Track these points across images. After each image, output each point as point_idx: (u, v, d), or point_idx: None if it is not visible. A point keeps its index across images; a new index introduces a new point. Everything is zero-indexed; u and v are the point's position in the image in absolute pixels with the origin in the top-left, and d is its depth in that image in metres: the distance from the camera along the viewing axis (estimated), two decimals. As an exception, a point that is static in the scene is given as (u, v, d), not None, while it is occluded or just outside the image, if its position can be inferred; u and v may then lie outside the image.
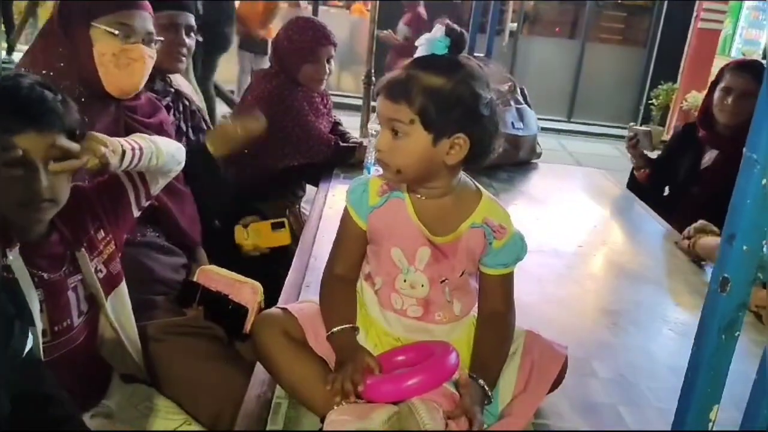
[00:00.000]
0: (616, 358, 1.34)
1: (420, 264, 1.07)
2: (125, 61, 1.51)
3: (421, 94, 0.98)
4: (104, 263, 1.27)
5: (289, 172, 2.29)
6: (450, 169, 1.05)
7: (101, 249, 1.27)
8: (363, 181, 1.12)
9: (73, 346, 1.21)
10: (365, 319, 1.11)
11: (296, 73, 2.29)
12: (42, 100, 1.11)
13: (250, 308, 1.61)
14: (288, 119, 2.23)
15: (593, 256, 1.96)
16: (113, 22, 1.50)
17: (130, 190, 1.34)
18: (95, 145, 1.16)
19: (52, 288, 1.17)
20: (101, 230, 1.28)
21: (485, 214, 1.07)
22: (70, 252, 1.21)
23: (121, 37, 1.51)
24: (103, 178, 1.32)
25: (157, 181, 1.39)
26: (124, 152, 1.23)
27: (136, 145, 1.27)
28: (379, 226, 1.08)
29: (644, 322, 1.55)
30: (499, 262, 1.09)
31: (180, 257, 1.68)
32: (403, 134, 1.00)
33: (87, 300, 1.24)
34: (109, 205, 1.31)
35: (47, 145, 1.10)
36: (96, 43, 1.50)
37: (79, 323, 1.22)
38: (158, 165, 1.33)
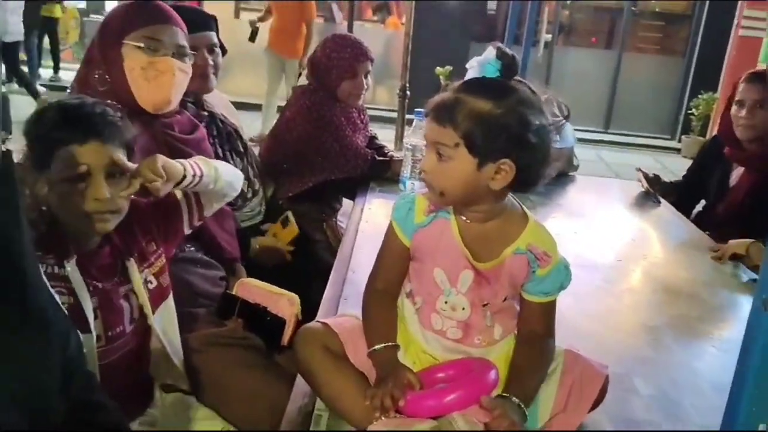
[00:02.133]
0: (657, 374, 1.32)
1: (462, 287, 1.07)
2: (153, 73, 1.55)
3: (467, 118, 0.98)
4: (155, 275, 1.31)
5: (326, 185, 2.32)
6: (495, 194, 1.04)
7: (152, 261, 1.31)
8: (409, 199, 1.11)
9: (125, 351, 1.26)
10: (405, 335, 1.12)
11: (335, 89, 2.32)
12: (104, 114, 1.18)
13: (287, 320, 1.63)
14: (326, 134, 2.27)
15: (632, 269, 1.93)
16: (141, 37, 1.55)
17: (184, 209, 1.39)
18: (150, 176, 1.21)
19: (106, 296, 1.22)
20: (152, 243, 1.33)
21: (530, 240, 1.05)
22: (122, 262, 1.26)
23: (149, 50, 1.55)
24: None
25: (212, 204, 1.44)
26: (185, 176, 1.28)
27: (198, 170, 1.32)
28: (423, 245, 1.09)
29: (686, 338, 1.52)
30: (542, 290, 1.08)
31: (219, 270, 1.71)
32: (447, 157, 1.00)
33: (139, 308, 1.29)
34: (162, 220, 1.36)
35: (108, 157, 1.16)
36: (125, 59, 1.55)
37: (131, 329, 1.27)
38: (215, 189, 1.38)
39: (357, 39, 2.40)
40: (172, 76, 1.57)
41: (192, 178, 1.30)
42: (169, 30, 1.59)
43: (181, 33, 1.62)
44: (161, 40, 1.56)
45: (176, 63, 1.58)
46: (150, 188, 1.23)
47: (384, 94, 7.81)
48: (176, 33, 1.60)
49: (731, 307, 1.68)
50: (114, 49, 1.56)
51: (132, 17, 1.57)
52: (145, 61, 1.54)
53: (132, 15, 1.58)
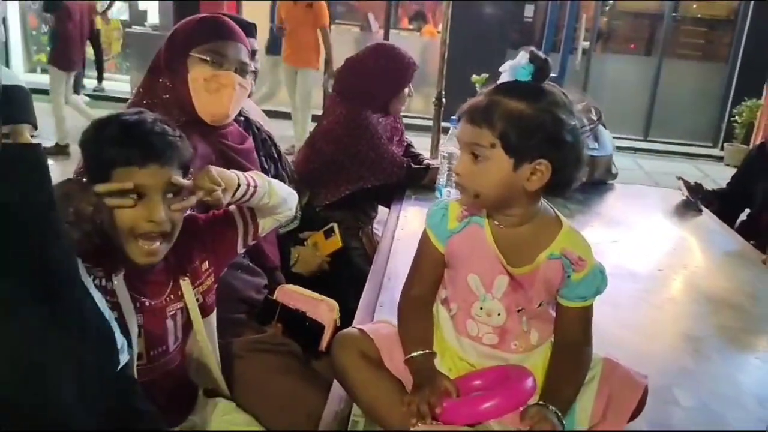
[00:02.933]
0: (698, 386, 1.29)
1: (497, 292, 1.07)
2: (215, 86, 1.59)
3: (503, 119, 0.99)
4: (202, 293, 1.31)
5: (362, 193, 2.33)
6: (530, 196, 1.04)
7: (203, 280, 1.32)
8: (442, 205, 1.12)
9: (167, 370, 1.26)
10: (441, 342, 1.12)
11: (386, 101, 2.35)
12: (163, 136, 1.17)
13: (326, 325, 1.65)
14: (362, 142, 2.28)
15: (673, 279, 1.90)
16: (208, 50, 1.60)
17: (240, 227, 1.39)
18: (209, 185, 1.21)
19: (152, 314, 1.22)
20: (206, 262, 1.33)
21: (564, 244, 1.05)
22: (173, 280, 1.26)
23: (213, 64, 1.60)
24: (218, 212, 1.37)
25: (267, 222, 1.44)
26: (239, 186, 1.29)
27: (252, 181, 1.32)
28: (457, 251, 1.09)
29: (728, 350, 1.49)
30: (578, 295, 1.07)
31: (262, 278, 1.74)
32: (483, 158, 1.01)
33: (183, 327, 1.29)
34: (218, 239, 1.36)
35: (166, 179, 1.15)
36: (191, 70, 1.60)
37: (174, 349, 1.27)
38: (270, 205, 1.38)
39: (403, 50, 2.41)
40: (233, 90, 1.62)
41: (246, 187, 1.30)
42: (234, 46, 1.64)
43: (245, 50, 1.67)
44: (226, 55, 1.61)
45: (237, 78, 1.63)
46: (211, 199, 1.22)
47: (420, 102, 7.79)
48: (240, 50, 1.65)
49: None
50: (180, 59, 1.61)
51: (200, 31, 1.63)
52: (209, 73, 1.59)
53: (201, 29, 1.64)
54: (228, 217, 1.38)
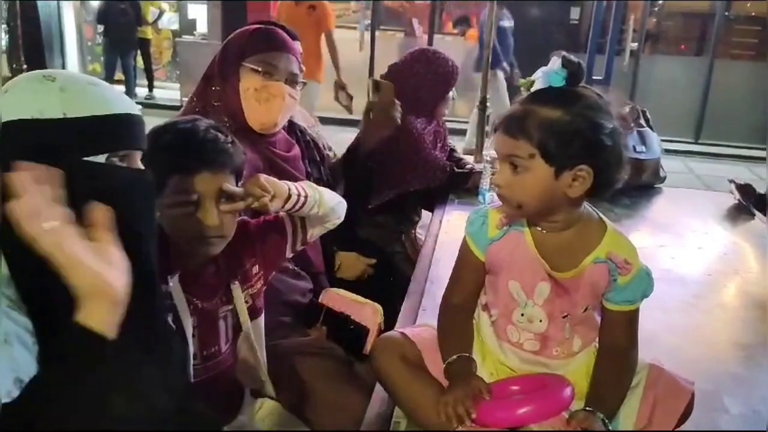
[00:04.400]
0: (749, 393, 1.26)
1: (539, 299, 1.06)
2: (265, 95, 1.64)
3: (540, 128, 0.98)
4: (252, 296, 1.34)
5: (405, 197, 2.34)
6: (572, 202, 1.04)
7: (252, 283, 1.35)
8: (482, 213, 1.12)
9: (219, 371, 1.29)
10: (482, 347, 1.12)
11: (429, 106, 2.36)
12: (216, 143, 1.21)
13: (370, 329, 1.67)
14: (404, 145, 2.29)
15: (724, 285, 1.85)
16: (259, 61, 1.64)
17: (289, 233, 1.41)
18: (258, 192, 1.24)
19: (205, 316, 1.25)
20: (256, 266, 1.36)
21: (609, 248, 1.04)
22: (225, 283, 1.29)
23: (264, 74, 1.64)
24: (270, 217, 1.40)
25: (316, 229, 1.46)
26: (290, 196, 1.31)
27: (303, 192, 1.35)
28: (498, 258, 1.09)
29: None
30: (624, 299, 1.06)
31: (307, 282, 1.77)
32: (523, 169, 1.00)
33: (234, 329, 1.32)
34: (268, 244, 1.39)
35: (219, 185, 1.19)
36: (242, 80, 1.65)
37: (226, 349, 1.30)
38: (319, 214, 1.41)
39: (445, 55, 2.41)
40: (282, 101, 1.66)
41: (297, 197, 1.32)
42: (285, 58, 1.68)
43: (295, 61, 1.71)
44: (277, 66, 1.66)
45: (287, 89, 1.67)
46: (260, 206, 1.24)
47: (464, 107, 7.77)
48: (291, 61, 1.69)
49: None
50: (232, 68, 1.66)
51: (254, 41, 1.68)
52: (260, 83, 1.64)
53: (254, 39, 1.68)
54: (278, 224, 1.41)
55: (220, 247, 1.23)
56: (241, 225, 1.31)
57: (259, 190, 1.24)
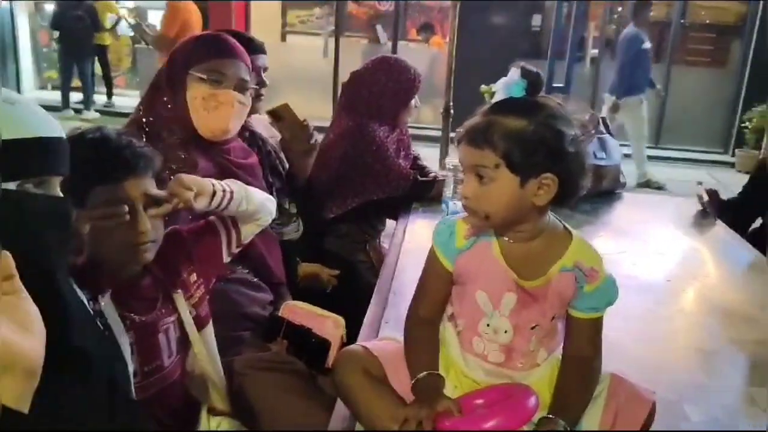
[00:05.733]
0: (710, 401, 1.27)
1: (505, 309, 1.06)
2: (214, 104, 1.61)
3: (504, 138, 0.98)
4: (194, 305, 1.32)
5: (369, 206, 2.33)
6: (538, 211, 1.04)
7: (192, 292, 1.32)
8: (449, 224, 1.11)
9: (165, 385, 1.25)
10: (446, 358, 1.11)
11: (392, 113, 2.34)
12: (133, 148, 1.19)
13: (332, 342, 1.64)
14: (368, 155, 2.27)
15: (683, 290, 1.87)
16: (206, 69, 1.61)
17: (222, 236, 1.40)
18: (182, 191, 1.23)
19: (143, 330, 1.22)
20: (194, 273, 1.33)
21: (576, 256, 1.04)
22: (163, 295, 1.27)
23: (211, 82, 1.60)
24: (199, 223, 1.39)
25: (249, 229, 1.44)
26: (215, 192, 1.29)
27: (227, 187, 1.33)
28: (466, 268, 1.08)
29: (741, 363, 1.47)
30: (590, 306, 1.06)
31: (267, 294, 1.74)
32: (489, 179, 1.00)
33: (178, 341, 1.29)
34: (203, 248, 1.37)
35: (144, 189, 1.18)
36: (189, 89, 1.61)
37: (170, 363, 1.27)
38: (248, 211, 1.39)
39: (408, 62, 2.41)
40: (231, 108, 1.63)
41: (222, 194, 1.31)
42: (233, 64, 1.65)
43: (245, 67, 1.68)
44: (224, 74, 1.62)
45: (237, 96, 1.64)
46: (185, 205, 1.24)
47: (428, 113, 7.80)
48: (240, 67, 1.66)
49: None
50: (179, 77, 1.63)
51: (199, 49, 1.64)
52: (207, 92, 1.61)
53: (199, 47, 1.65)
54: (210, 226, 1.39)
55: (153, 253, 1.21)
56: (173, 233, 1.30)
57: (182, 188, 1.23)
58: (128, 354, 1.17)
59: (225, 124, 1.64)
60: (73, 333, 0.80)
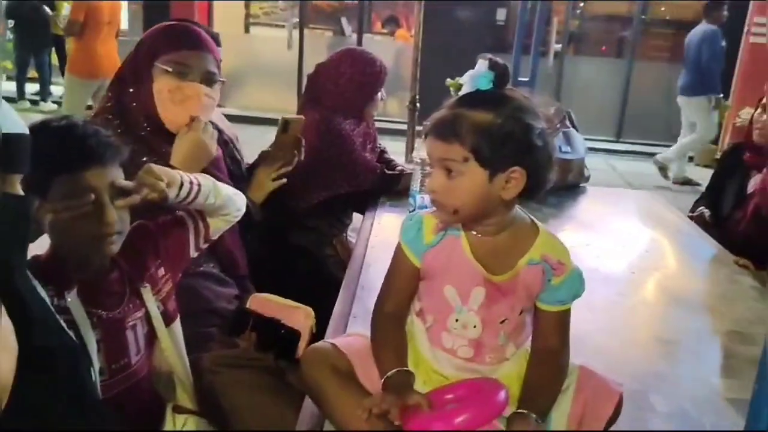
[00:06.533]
0: (673, 390, 1.29)
1: (474, 304, 1.06)
2: (180, 97, 1.57)
3: (473, 131, 0.98)
4: (162, 300, 1.29)
5: (336, 200, 2.31)
6: (506, 205, 1.04)
7: (160, 287, 1.29)
8: (416, 219, 1.10)
9: (131, 383, 1.22)
10: (415, 354, 1.10)
11: (358, 106, 2.32)
12: (99, 136, 1.16)
13: (302, 333, 1.62)
14: (335, 148, 2.25)
15: (647, 282, 1.90)
16: (172, 61, 1.57)
17: (191, 230, 1.37)
18: (153, 180, 1.20)
19: (110, 327, 1.19)
20: (161, 268, 1.31)
21: (543, 250, 1.05)
22: (130, 290, 1.23)
23: (177, 74, 1.57)
24: (167, 217, 1.35)
25: (217, 224, 1.41)
26: (182, 184, 1.26)
27: (195, 180, 1.30)
28: (434, 264, 1.07)
29: (704, 352, 1.50)
30: (557, 299, 1.07)
31: (233, 288, 1.71)
32: (457, 173, 1.00)
33: (145, 337, 1.26)
34: (171, 242, 1.34)
35: (110, 180, 1.15)
36: (156, 81, 1.57)
37: (137, 361, 1.24)
38: (215, 205, 1.36)
39: (374, 55, 2.39)
40: (198, 101, 1.60)
41: (190, 185, 1.28)
42: (200, 56, 1.61)
43: (212, 59, 1.64)
44: (190, 66, 1.59)
45: (203, 89, 1.60)
46: (157, 195, 1.21)
47: (394, 106, 7.80)
48: (206, 59, 1.62)
49: (751, 320, 1.64)
50: (145, 69, 1.59)
51: (165, 41, 1.60)
52: (173, 84, 1.57)
53: (165, 38, 1.61)
54: (178, 220, 1.36)
55: (118, 246, 1.18)
56: (140, 226, 1.27)
57: (152, 178, 1.20)
58: (95, 352, 1.14)
59: (190, 120, 1.60)
60: (34, 333, 0.78)
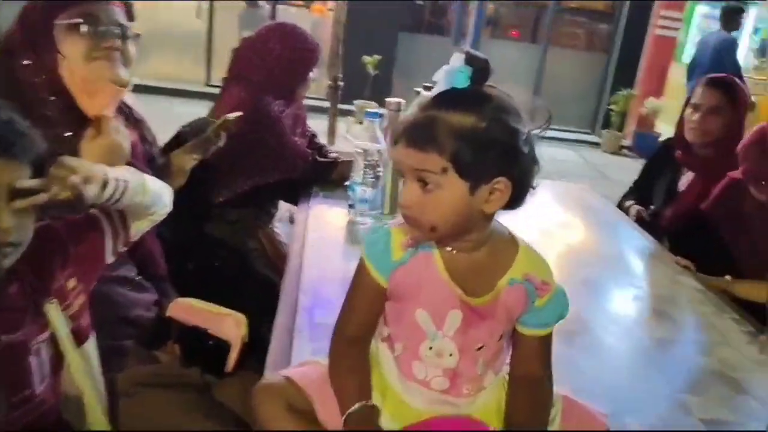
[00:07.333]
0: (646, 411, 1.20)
1: (449, 330, 0.93)
2: (95, 55, 1.33)
3: (452, 138, 0.84)
4: (72, 316, 1.08)
5: (262, 189, 2.11)
6: (487, 218, 0.92)
7: (71, 301, 1.08)
8: (383, 233, 0.96)
9: (36, 416, 1.02)
10: (381, 382, 0.97)
11: (290, 87, 2.12)
12: (12, 124, 0.94)
13: (233, 343, 1.44)
14: (264, 132, 2.05)
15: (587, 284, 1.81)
16: (77, 15, 1.32)
17: (108, 232, 1.15)
18: (64, 173, 0.97)
19: (11, 353, 0.98)
20: (72, 278, 1.09)
21: (525, 268, 0.93)
22: (34, 305, 1.02)
23: (88, 31, 1.32)
24: (78, 216, 1.13)
25: (141, 225, 1.21)
26: (106, 182, 1.05)
27: (121, 176, 1.09)
28: (403, 284, 0.94)
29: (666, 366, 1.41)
30: (540, 322, 0.96)
31: (152, 293, 1.49)
32: (434, 185, 0.86)
33: (51, 361, 1.05)
34: (83, 248, 1.11)
35: (11, 178, 0.92)
36: (61, 44, 1.32)
37: (43, 390, 1.03)
38: (144, 203, 1.16)
39: (306, 32, 2.20)
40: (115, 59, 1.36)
41: (116, 182, 1.07)
42: (109, 7, 1.37)
43: (120, 10, 1.40)
44: (100, 18, 1.34)
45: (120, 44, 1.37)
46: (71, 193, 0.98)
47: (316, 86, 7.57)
48: (114, 10, 1.38)
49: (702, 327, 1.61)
50: (44, 33, 1.32)
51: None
52: (85, 44, 1.32)
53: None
54: (92, 221, 1.14)
55: (14, 258, 0.96)
56: (45, 229, 1.05)
57: (65, 171, 0.98)
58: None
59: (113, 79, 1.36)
60: None
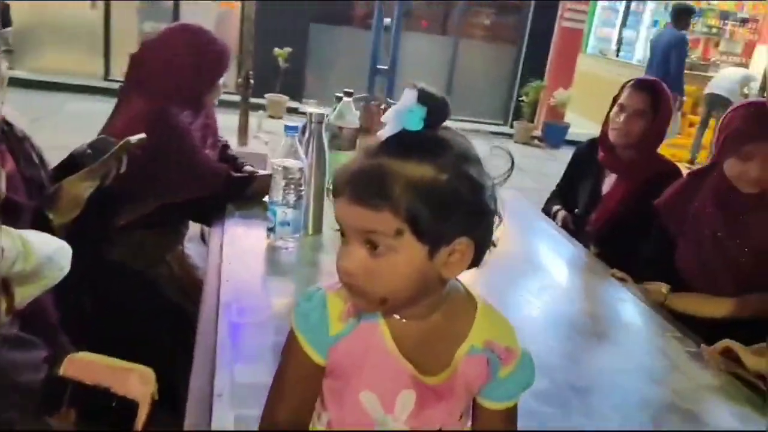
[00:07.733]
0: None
1: (401, 413, 0.80)
2: None
3: (409, 194, 0.71)
4: None
5: (170, 208, 1.91)
6: (443, 282, 0.79)
7: None
8: (317, 300, 0.81)
9: None
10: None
11: (197, 94, 1.95)
12: None
13: (140, 402, 1.26)
14: (170, 145, 1.85)
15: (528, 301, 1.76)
16: None
17: None
18: None
19: None
20: None
21: (486, 333, 0.81)
22: None
23: None
24: None
25: (28, 291, 1.03)
26: None
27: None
28: (344, 361, 0.80)
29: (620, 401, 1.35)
30: (505, 394, 0.84)
31: (40, 349, 1.28)
32: (386, 249, 0.72)
33: None
34: None
35: None
36: None
37: None
38: (27, 271, 0.98)
39: (214, 34, 2.03)
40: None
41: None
42: None
43: None
44: None
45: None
46: None
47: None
48: None
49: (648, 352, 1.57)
50: None
51: None
52: None
53: None
54: None
55: None
56: None
57: None
58: None
59: None
60: None
